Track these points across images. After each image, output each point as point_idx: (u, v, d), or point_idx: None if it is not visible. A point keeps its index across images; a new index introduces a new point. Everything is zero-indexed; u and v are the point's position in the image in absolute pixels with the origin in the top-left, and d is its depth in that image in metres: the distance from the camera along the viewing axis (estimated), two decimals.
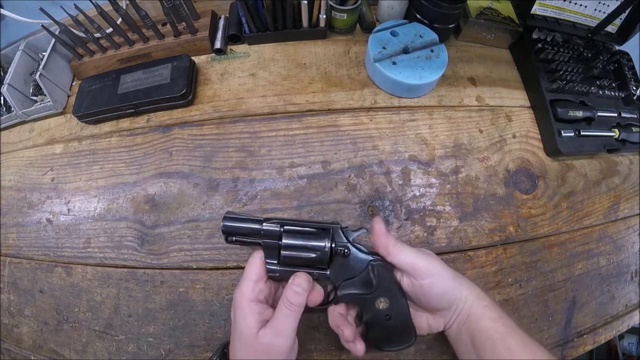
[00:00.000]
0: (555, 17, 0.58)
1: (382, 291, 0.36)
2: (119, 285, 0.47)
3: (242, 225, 0.36)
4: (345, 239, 0.36)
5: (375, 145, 0.51)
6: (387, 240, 0.35)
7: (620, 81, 0.59)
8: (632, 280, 0.52)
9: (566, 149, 0.52)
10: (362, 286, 0.36)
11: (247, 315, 0.33)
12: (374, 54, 0.53)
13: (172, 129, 0.53)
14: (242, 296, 0.34)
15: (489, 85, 0.58)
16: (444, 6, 0.53)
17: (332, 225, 0.36)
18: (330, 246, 0.35)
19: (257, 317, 0.33)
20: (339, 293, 0.36)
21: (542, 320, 0.47)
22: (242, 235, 0.36)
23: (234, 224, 0.36)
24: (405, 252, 0.35)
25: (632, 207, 0.55)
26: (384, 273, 0.36)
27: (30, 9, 0.51)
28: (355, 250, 0.36)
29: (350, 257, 0.36)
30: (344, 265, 0.36)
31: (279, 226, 0.35)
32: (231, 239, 0.36)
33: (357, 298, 0.36)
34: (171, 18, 0.53)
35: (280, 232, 0.35)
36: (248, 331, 0.33)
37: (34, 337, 0.48)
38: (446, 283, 0.35)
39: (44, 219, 0.52)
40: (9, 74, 0.55)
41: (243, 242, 0.36)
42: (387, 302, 0.36)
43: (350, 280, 0.36)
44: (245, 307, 0.34)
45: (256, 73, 0.56)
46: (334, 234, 0.36)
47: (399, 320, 0.36)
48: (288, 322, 0.33)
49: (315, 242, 0.35)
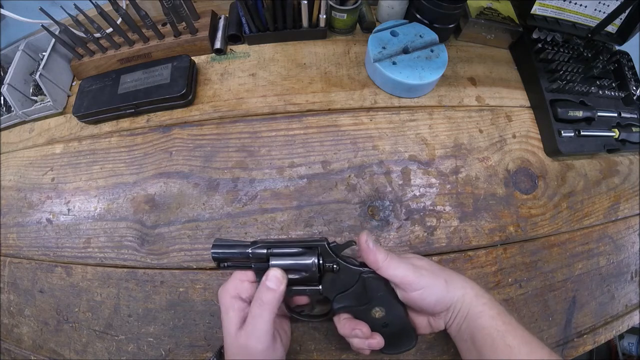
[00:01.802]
0: (555, 17, 0.58)
1: (376, 301, 0.36)
2: (119, 285, 0.47)
3: (231, 252, 0.36)
4: (334, 254, 0.36)
5: (375, 145, 0.51)
6: (375, 256, 0.35)
7: (620, 81, 0.60)
8: (632, 280, 0.52)
9: (566, 149, 0.52)
10: (356, 298, 0.36)
11: (228, 311, 0.34)
12: (374, 54, 0.53)
13: (172, 129, 0.53)
14: (225, 292, 0.35)
15: (489, 85, 0.58)
16: (444, 6, 0.53)
17: (318, 243, 0.36)
18: (318, 263, 0.35)
19: (237, 314, 0.34)
20: (335, 306, 0.36)
21: (542, 320, 0.47)
22: (233, 261, 0.37)
23: (223, 250, 0.36)
24: (393, 267, 0.34)
25: (632, 207, 0.55)
26: (377, 283, 0.36)
27: (30, 9, 0.51)
28: (345, 264, 0.36)
29: (340, 271, 0.36)
30: (336, 279, 0.36)
31: (265, 249, 0.36)
32: (223, 265, 0.37)
33: (352, 310, 0.36)
34: (171, 18, 0.53)
35: (268, 255, 0.36)
36: (230, 328, 0.33)
37: (34, 337, 0.48)
38: (437, 292, 0.34)
39: (44, 219, 0.52)
40: (9, 74, 0.54)
41: (235, 266, 0.37)
42: (383, 311, 0.36)
43: (343, 293, 0.36)
44: (227, 303, 0.34)
45: (256, 73, 0.56)
46: (321, 251, 0.36)
47: (397, 326, 0.36)
48: (259, 322, 0.32)
49: (303, 261, 0.35)
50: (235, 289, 0.35)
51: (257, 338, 0.32)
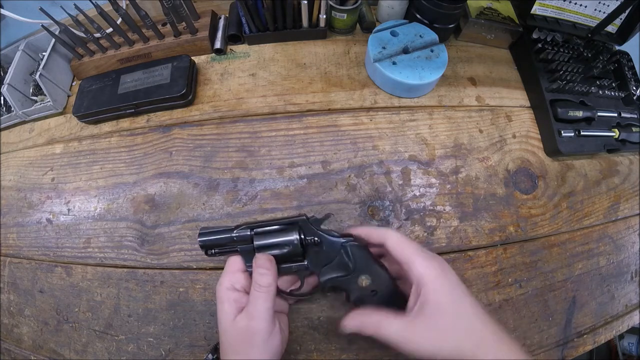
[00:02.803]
0: (555, 17, 0.58)
1: (361, 269, 0.36)
2: (119, 285, 0.47)
3: (216, 237, 0.37)
4: (314, 228, 0.38)
5: (375, 145, 0.51)
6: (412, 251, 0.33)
7: (620, 81, 0.59)
8: (632, 280, 0.52)
9: (566, 149, 0.52)
10: (341, 268, 0.37)
11: (223, 303, 0.35)
12: (374, 54, 0.53)
13: (172, 129, 0.53)
14: (219, 286, 0.36)
15: (489, 85, 0.58)
16: (444, 6, 0.53)
17: (298, 218, 0.38)
18: (300, 237, 0.37)
19: (233, 304, 0.34)
20: (321, 279, 0.37)
21: (542, 320, 0.47)
22: (219, 246, 0.38)
23: (209, 237, 0.37)
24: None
25: (632, 207, 0.55)
26: (359, 251, 0.37)
27: (30, 9, 0.51)
28: (327, 237, 0.37)
29: (322, 244, 0.37)
30: (319, 253, 0.37)
31: (249, 230, 0.37)
32: (210, 252, 0.38)
33: (339, 281, 0.37)
34: (171, 18, 0.53)
35: (251, 236, 0.37)
36: (226, 317, 0.34)
37: (34, 337, 0.48)
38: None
39: (44, 219, 0.52)
40: (9, 74, 0.54)
41: (222, 252, 0.38)
42: (369, 279, 0.36)
43: (328, 265, 0.37)
44: (222, 296, 0.35)
45: (256, 73, 0.56)
46: (302, 226, 0.37)
47: (385, 293, 0.36)
48: (260, 302, 0.33)
49: (285, 237, 0.37)
50: (229, 280, 0.36)
51: (258, 317, 0.33)
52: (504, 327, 0.32)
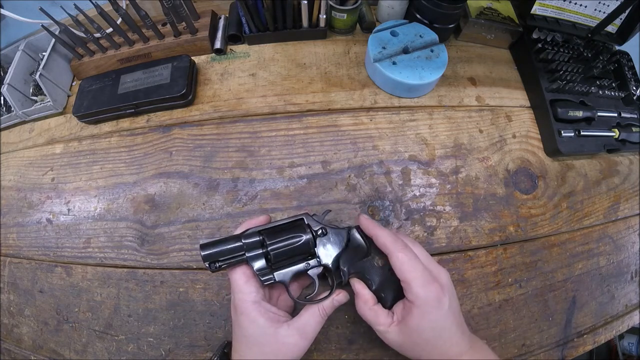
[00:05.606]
0: (555, 17, 0.58)
1: (373, 250, 0.37)
2: (119, 285, 0.47)
3: (223, 248, 0.35)
4: (318, 221, 0.39)
5: (375, 145, 0.51)
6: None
7: (620, 81, 0.60)
8: (632, 280, 0.52)
9: (566, 149, 0.52)
10: (357, 253, 0.38)
11: (256, 318, 0.33)
12: (374, 54, 0.53)
13: (172, 129, 0.53)
14: (243, 301, 0.34)
15: (489, 85, 0.58)
16: (444, 6, 0.53)
17: (302, 215, 0.39)
18: (309, 225, 0.38)
19: (267, 316, 0.34)
20: (342, 267, 0.37)
21: (542, 320, 0.47)
22: (224, 257, 0.35)
23: (213, 249, 0.35)
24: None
25: (632, 207, 0.55)
26: (364, 235, 0.38)
27: (30, 9, 0.50)
28: (330, 228, 0.38)
29: (329, 235, 0.38)
30: (327, 244, 0.38)
31: (258, 234, 0.36)
32: (214, 266, 0.35)
33: (361, 266, 0.37)
34: (171, 18, 0.53)
35: (263, 239, 0.36)
36: (261, 332, 0.33)
37: (34, 337, 0.48)
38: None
39: (44, 219, 0.52)
40: (9, 74, 0.54)
41: (228, 263, 0.36)
42: (382, 258, 0.36)
43: (342, 253, 0.38)
44: (251, 311, 0.34)
45: (256, 73, 0.56)
46: (307, 221, 0.38)
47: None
48: (312, 322, 0.35)
49: (295, 232, 0.37)
50: (250, 293, 0.35)
51: (310, 339, 0.34)
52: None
